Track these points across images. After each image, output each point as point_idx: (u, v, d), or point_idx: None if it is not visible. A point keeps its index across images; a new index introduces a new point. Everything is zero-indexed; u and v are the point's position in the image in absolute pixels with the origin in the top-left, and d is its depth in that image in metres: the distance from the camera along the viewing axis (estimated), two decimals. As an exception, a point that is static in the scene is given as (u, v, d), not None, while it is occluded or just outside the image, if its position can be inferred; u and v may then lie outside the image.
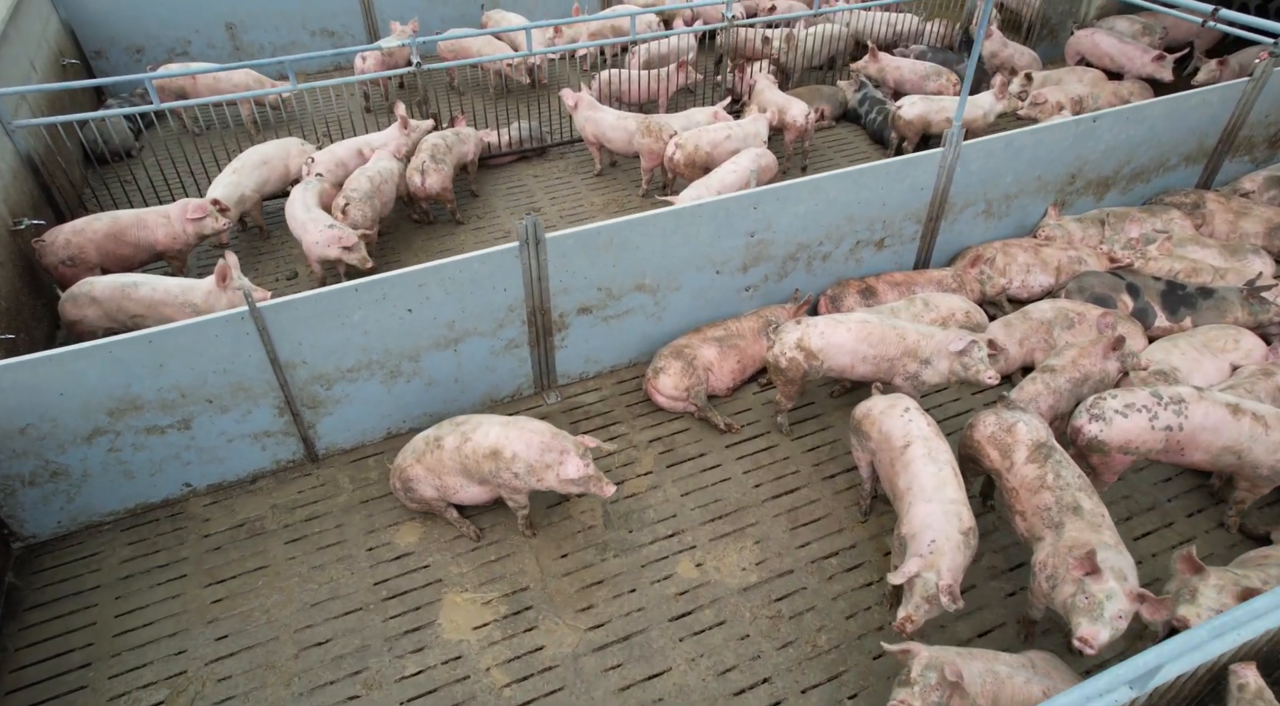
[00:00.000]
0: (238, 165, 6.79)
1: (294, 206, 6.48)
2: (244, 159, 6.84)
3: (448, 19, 10.60)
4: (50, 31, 8.43)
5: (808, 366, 4.98)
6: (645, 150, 7.53)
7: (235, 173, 6.72)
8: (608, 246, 5.15)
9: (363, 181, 6.53)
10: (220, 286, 5.34)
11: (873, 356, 4.91)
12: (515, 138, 8.33)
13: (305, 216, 6.39)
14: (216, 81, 8.64)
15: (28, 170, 6.50)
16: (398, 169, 6.98)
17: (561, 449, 4.26)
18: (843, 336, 4.95)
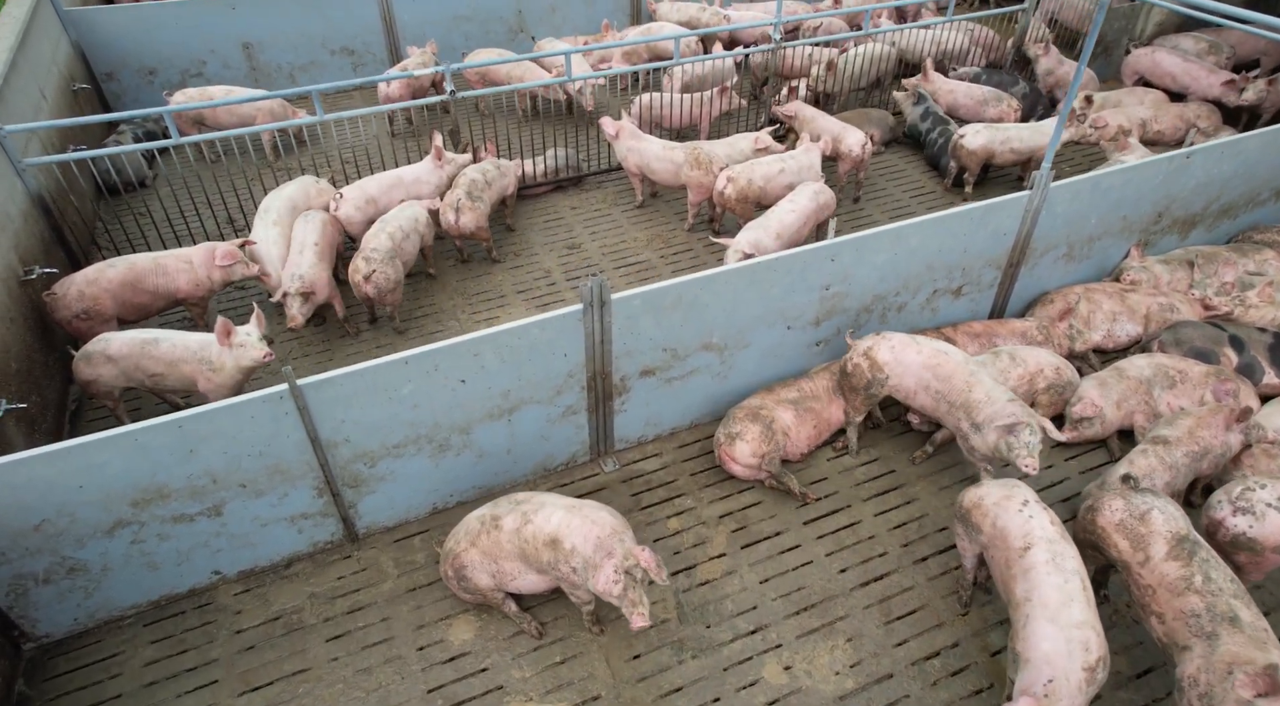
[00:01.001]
0: (276, 214, 6.25)
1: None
2: (276, 208, 6.29)
3: (472, 36, 10.15)
4: (60, 54, 7.99)
5: (870, 377, 4.83)
6: (693, 183, 7.07)
7: (278, 224, 6.20)
8: (676, 306, 4.69)
9: (383, 239, 5.94)
10: (223, 343, 4.87)
11: (935, 390, 4.66)
12: (551, 167, 7.87)
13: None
14: (238, 106, 8.23)
15: (39, 211, 6.05)
16: (423, 218, 6.44)
17: (609, 551, 3.77)
18: (912, 357, 4.75)
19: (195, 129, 8.21)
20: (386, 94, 8.51)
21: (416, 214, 6.37)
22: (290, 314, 5.67)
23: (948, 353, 4.74)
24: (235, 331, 4.86)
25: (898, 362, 4.79)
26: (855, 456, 5.20)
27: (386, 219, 6.12)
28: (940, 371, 4.66)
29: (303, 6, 9.25)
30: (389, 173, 6.70)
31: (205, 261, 5.84)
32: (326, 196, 6.71)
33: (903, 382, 4.80)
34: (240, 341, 4.84)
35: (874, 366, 4.83)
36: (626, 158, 7.35)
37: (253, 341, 4.83)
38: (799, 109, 7.97)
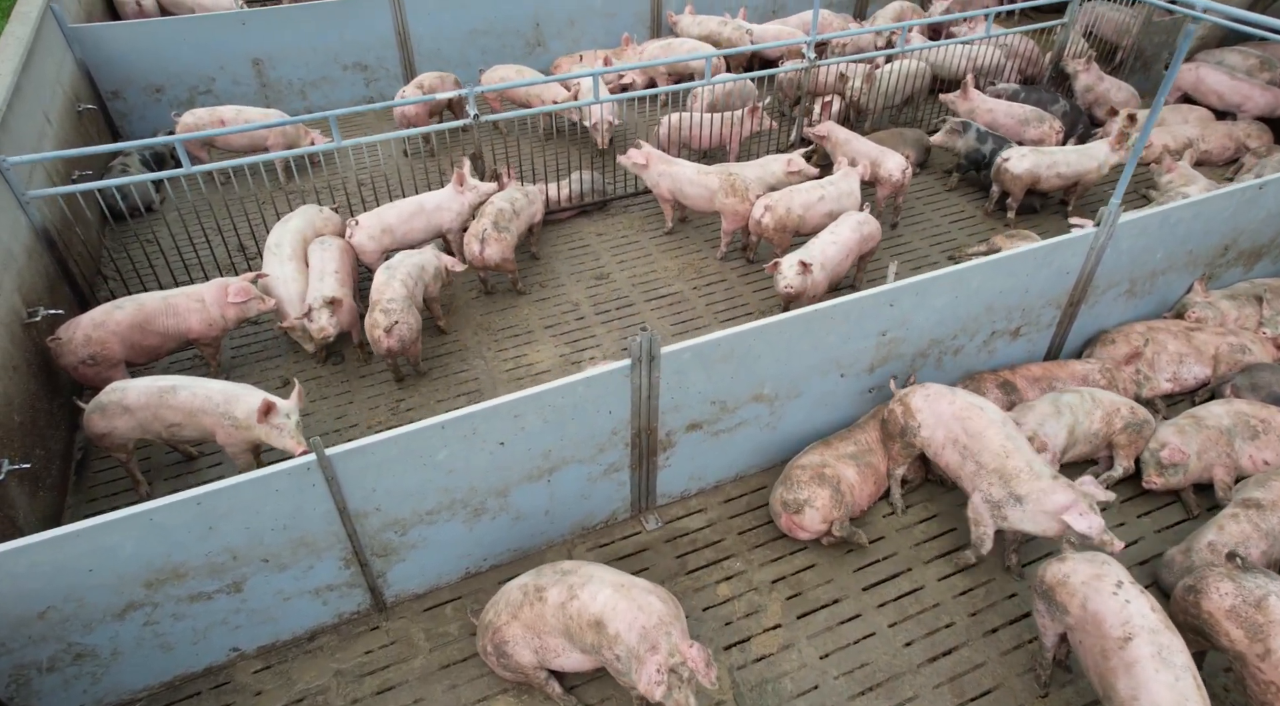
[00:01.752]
0: (290, 248, 5.93)
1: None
2: (288, 243, 5.97)
3: (488, 51, 9.83)
4: (65, 73, 7.67)
5: (904, 424, 4.62)
6: (729, 211, 6.74)
7: (293, 259, 5.88)
8: (728, 358, 4.37)
9: (396, 287, 5.52)
10: (261, 420, 4.53)
11: (963, 445, 4.41)
12: (576, 191, 7.55)
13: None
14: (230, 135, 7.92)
15: (43, 245, 5.74)
16: (431, 267, 5.94)
17: (653, 644, 3.43)
18: (944, 407, 4.53)
19: (204, 152, 7.90)
20: (402, 113, 8.20)
21: (424, 261, 5.90)
22: (319, 325, 5.41)
23: (983, 408, 4.48)
24: (276, 409, 4.50)
25: (930, 412, 4.56)
26: (903, 513, 4.86)
27: (393, 265, 5.70)
28: (971, 425, 4.39)
29: (315, 21, 8.94)
30: (409, 200, 6.37)
31: (217, 299, 5.53)
32: (334, 224, 6.39)
33: (934, 435, 4.54)
34: (278, 422, 4.49)
35: (907, 412, 4.63)
36: (658, 184, 7.02)
37: (290, 426, 4.48)
38: (831, 130, 7.64)
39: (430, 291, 5.97)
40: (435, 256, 6.06)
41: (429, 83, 8.44)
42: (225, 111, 7.94)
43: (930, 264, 7.08)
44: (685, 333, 6.32)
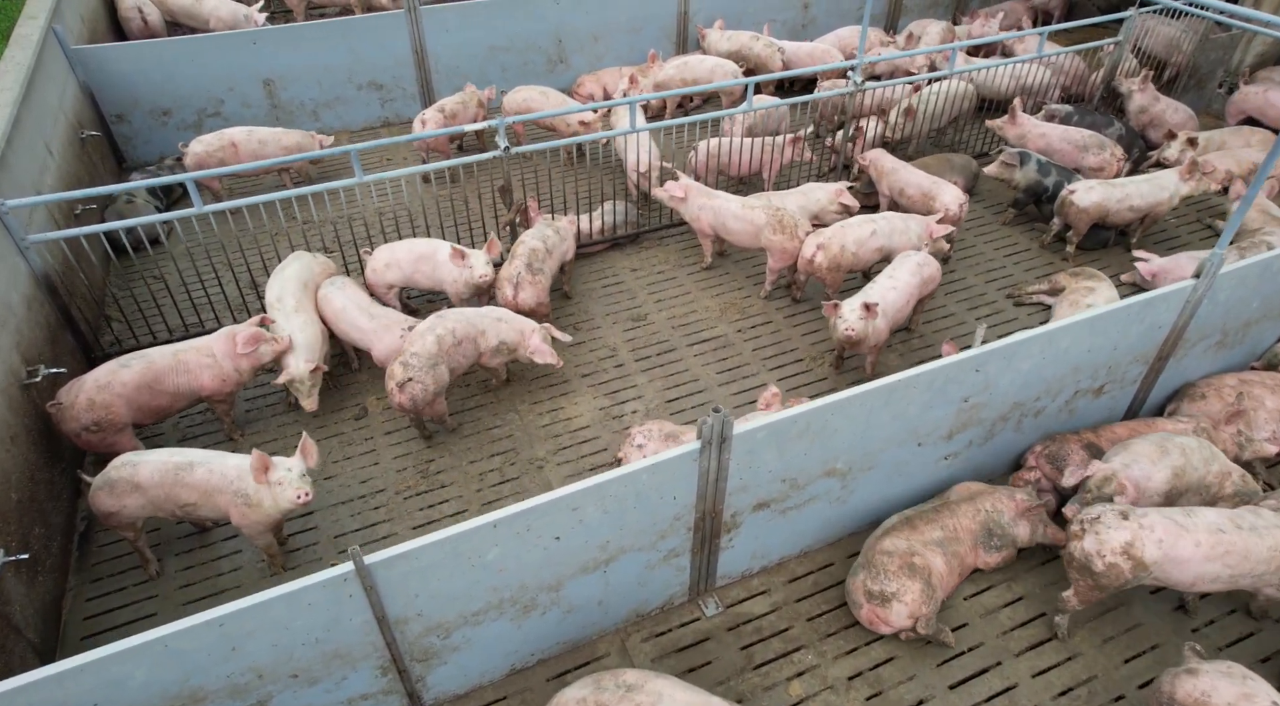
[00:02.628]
0: (294, 300, 5.48)
1: (349, 314, 5.44)
2: (292, 293, 5.52)
3: (509, 68, 9.41)
4: (68, 99, 7.25)
5: (1131, 577, 3.86)
6: (776, 248, 6.31)
7: (300, 310, 5.43)
8: (803, 434, 3.94)
9: (428, 342, 5.05)
10: (259, 480, 4.12)
11: (1228, 576, 3.85)
12: (608, 224, 7.12)
13: (371, 324, 5.41)
14: (263, 147, 7.55)
15: (44, 293, 5.32)
16: (494, 337, 5.34)
17: None
18: (1188, 551, 3.82)
19: (217, 180, 7.48)
20: (424, 139, 7.77)
21: (485, 328, 5.28)
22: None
23: (1222, 529, 3.85)
24: (274, 466, 4.10)
25: (1169, 560, 3.82)
26: (1065, 638, 4.27)
27: (445, 315, 5.26)
28: (1230, 556, 3.81)
29: (328, 40, 8.52)
30: (425, 243, 5.88)
31: (228, 352, 5.13)
32: (330, 268, 5.94)
33: (1176, 577, 3.89)
34: (278, 478, 4.09)
35: (1138, 566, 3.84)
36: (698, 217, 6.59)
37: (292, 479, 4.08)
38: (878, 159, 7.21)
39: (486, 361, 5.43)
40: (513, 330, 5.34)
41: (450, 107, 8.01)
42: (235, 133, 7.54)
43: (987, 303, 6.65)
44: (732, 381, 5.89)
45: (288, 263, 5.72)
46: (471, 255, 5.64)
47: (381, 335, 5.39)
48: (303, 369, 5.09)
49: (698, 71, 8.87)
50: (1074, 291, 6.13)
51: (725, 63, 8.92)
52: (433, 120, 7.80)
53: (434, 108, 7.95)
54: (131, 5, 9.78)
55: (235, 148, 7.51)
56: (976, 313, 6.55)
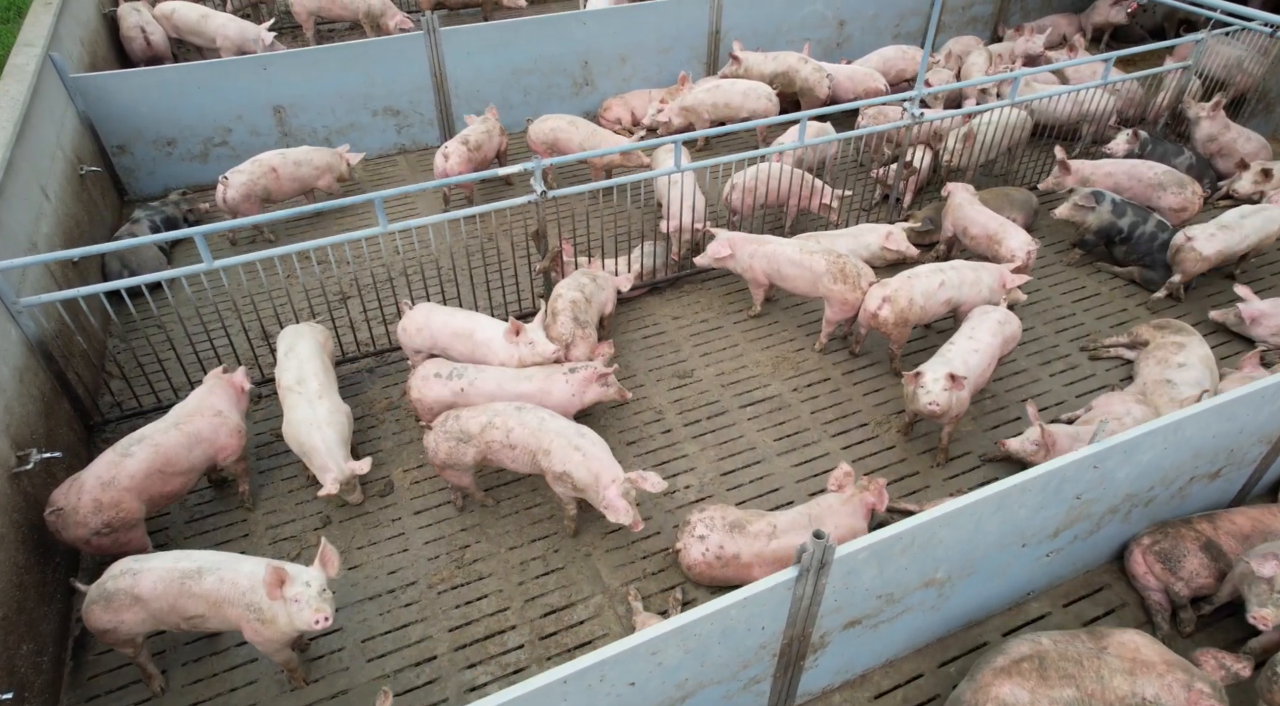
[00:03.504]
0: (317, 382, 4.91)
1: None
2: (314, 373, 4.97)
3: (532, 91, 8.91)
4: (67, 132, 6.76)
5: None
6: (837, 299, 5.80)
7: (324, 394, 4.87)
8: (907, 549, 3.44)
9: (470, 426, 4.56)
10: (273, 595, 3.61)
11: None
12: (647, 267, 6.61)
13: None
14: (298, 167, 7.30)
15: (38, 361, 4.82)
16: (545, 444, 4.52)
17: None
18: None
19: (254, 203, 7.02)
20: (445, 172, 7.27)
21: (552, 446, 4.41)
22: None
23: None
24: (290, 580, 3.60)
25: None
26: None
27: (495, 410, 4.60)
28: None
29: (343, 64, 8.02)
30: (463, 317, 5.32)
31: (233, 400, 4.80)
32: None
33: None
34: (294, 594, 3.58)
35: None
36: (751, 267, 6.05)
37: (310, 596, 3.56)
38: (955, 190, 6.71)
39: (549, 481, 4.58)
40: (588, 472, 4.30)
41: (475, 138, 7.51)
42: (270, 158, 7.21)
43: (1059, 356, 6.13)
44: (791, 449, 5.38)
45: (294, 340, 5.16)
46: (531, 330, 5.05)
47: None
48: (346, 473, 4.64)
49: (729, 95, 8.37)
50: (1160, 347, 5.62)
51: (759, 86, 8.43)
52: (456, 153, 7.29)
53: (457, 140, 7.44)
54: (134, 25, 9.32)
55: (275, 172, 7.17)
56: (1049, 367, 6.03)
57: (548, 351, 5.01)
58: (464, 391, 4.94)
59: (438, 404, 5.00)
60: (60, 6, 7.67)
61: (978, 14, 10.88)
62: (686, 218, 6.48)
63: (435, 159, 7.37)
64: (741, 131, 8.76)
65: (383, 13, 10.44)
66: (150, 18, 9.51)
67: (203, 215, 7.61)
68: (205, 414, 4.67)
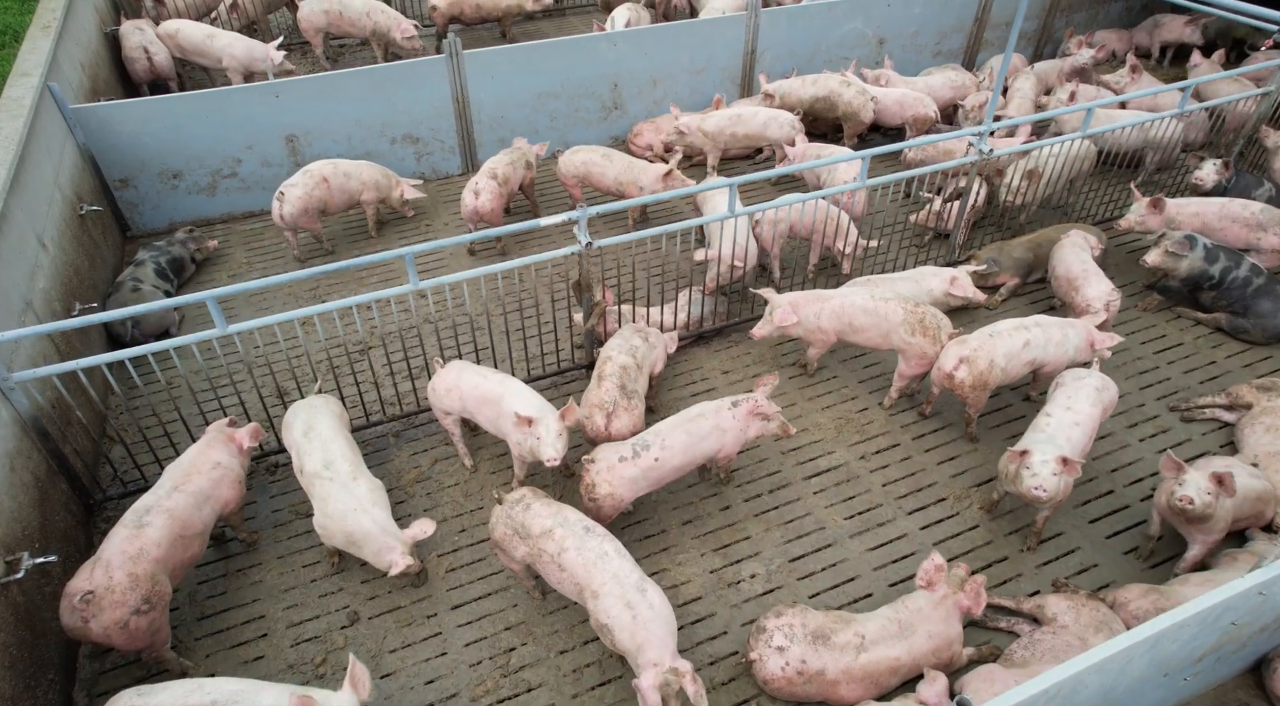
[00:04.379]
0: (348, 464, 4.40)
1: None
2: (341, 452, 4.46)
3: (558, 116, 8.41)
4: (66, 169, 6.25)
5: None
6: (914, 353, 5.29)
7: (358, 473, 4.38)
8: (1051, 699, 2.92)
9: (499, 527, 4.14)
10: None
11: None
12: (694, 316, 6.10)
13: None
14: (348, 179, 6.99)
15: (33, 440, 4.32)
16: (592, 580, 3.88)
17: None
18: None
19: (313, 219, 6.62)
20: (475, 207, 6.78)
21: (600, 588, 3.77)
22: None
23: None
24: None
25: None
26: None
27: (567, 521, 4.04)
28: None
29: (360, 89, 7.51)
30: (496, 379, 4.77)
31: (233, 451, 4.51)
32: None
33: None
34: None
35: None
36: (819, 328, 5.43)
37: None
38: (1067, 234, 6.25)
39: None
40: (631, 641, 3.61)
41: (502, 171, 7.01)
42: (321, 168, 6.86)
43: (1147, 417, 5.61)
44: (864, 529, 4.87)
45: (310, 418, 4.61)
46: (541, 425, 4.38)
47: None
48: (410, 544, 4.19)
49: (750, 125, 7.86)
50: (1268, 412, 5.11)
51: (780, 115, 7.89)
52: (487, 189, 6.80)
53: (485, 174, 6.94)
54: (136, 45, 8.82)
55: (327, 183, 6.85)
56: (1136, 431, 5.52)
57: (548, 456, 4.32)
58: (658, 461, 4.45)
59: (634, 493, 4.48)
60: (59, 30, 7.17)
61: (1021, 30, 10.33)
62: (727, 249, 5.95)
63: (464, 197, 6.86)
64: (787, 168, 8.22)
65: (388, 27, 9.97)
66: (154, 37, 9.01)
67: (210, 253, 7.11)
68: (203, 469, 4.33)
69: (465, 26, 11.00)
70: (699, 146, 7.86)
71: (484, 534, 4.84)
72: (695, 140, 7.78)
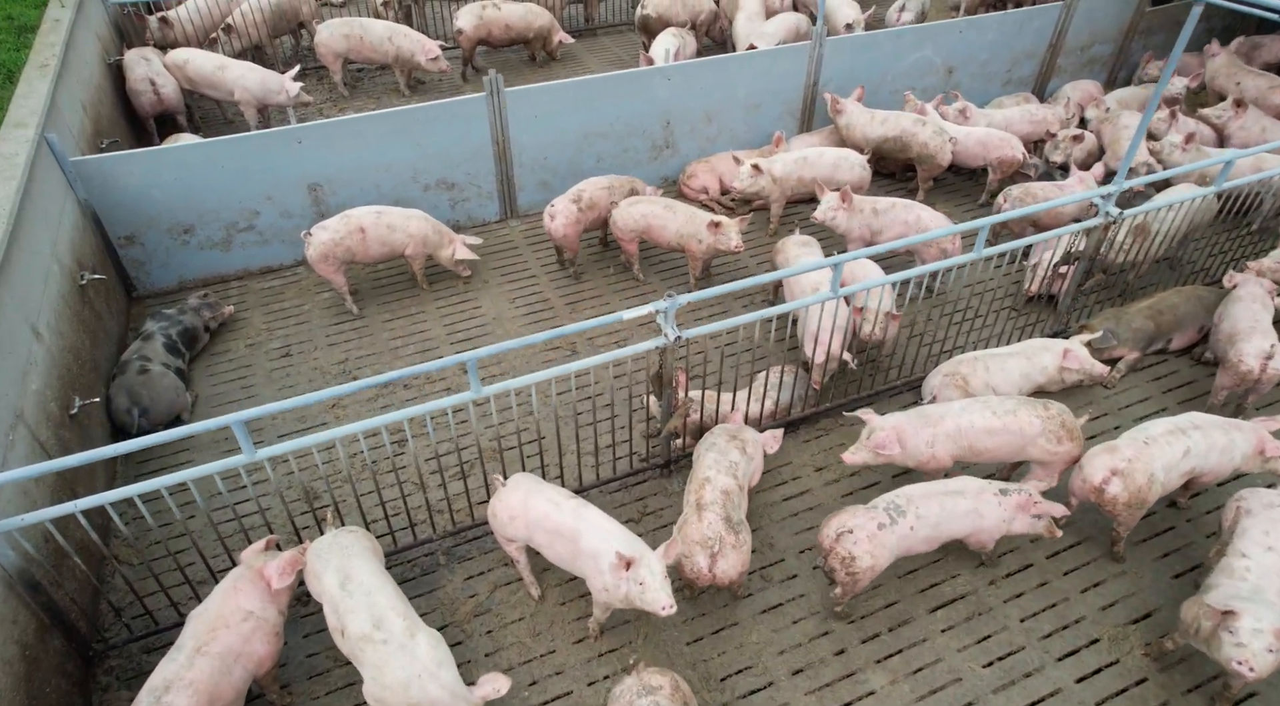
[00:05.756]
0: (401, 618, 3.58)
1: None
2: (389, 603, 3.63)
3: (605, 157, 7.67)
4: (64, 233, 5.50)
5: None
6: (1060, 462, 4.54)
7: (413, 627, 3.57)
8: None
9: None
10: None
11: None
12: (783, 403, 5.34)
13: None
14: (391, 232, 6.35)
15: (20, 596, 3.58)
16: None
17: None
18: None
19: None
20: (549, 230, 6.44)
21: None
22: None
23: None
24: None
25: None
26: None
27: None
28: None
29: (389, 133, 6.77)
30: (570, 512, 3.97)
31: (264, 596, 3.77)
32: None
33: None
34: None
35: None
36: (933, 456, 4.54)
37: None
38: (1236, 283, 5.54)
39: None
40: None
41: (589, 196, 6.56)
42: (363, 216, 6.22)
43: (1313, 524, 4.84)
44: (1007, 681, 4.10)
45: (345, 564, 3.77)
46: (643, 567, 3.61)
47: None
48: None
49: (818, 167, 7.11)
50: None
51: (849, 155, 7.16)
52: (564, 212, 6.43)
53: (567, 197, 6.53)
54: (142, 77, 8.09)
55: (363, 234, 6.17)
56: (1304, 543, 4.75)
57: (662, 604, 3.54)
58: (912, 530, 4.12)
59: (888, 564, 4.11)
60: (58, 68, 6.43)
61: (1097, 54, 9.61)
62: (836, 344, 5.19)
63: (544, 218, 6.49)
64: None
65: (412, 51, 9.24)
66: (161, 68, 8.28)
67: (226, 319, 6.36)
68: (232, 621, 3.61)
69: (492, 49, 10.26)
70: (765, 193, 7.10)
71: (559, 688, 4.08)
72: (762, 184, 7.03)
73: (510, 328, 6.36)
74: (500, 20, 9.71)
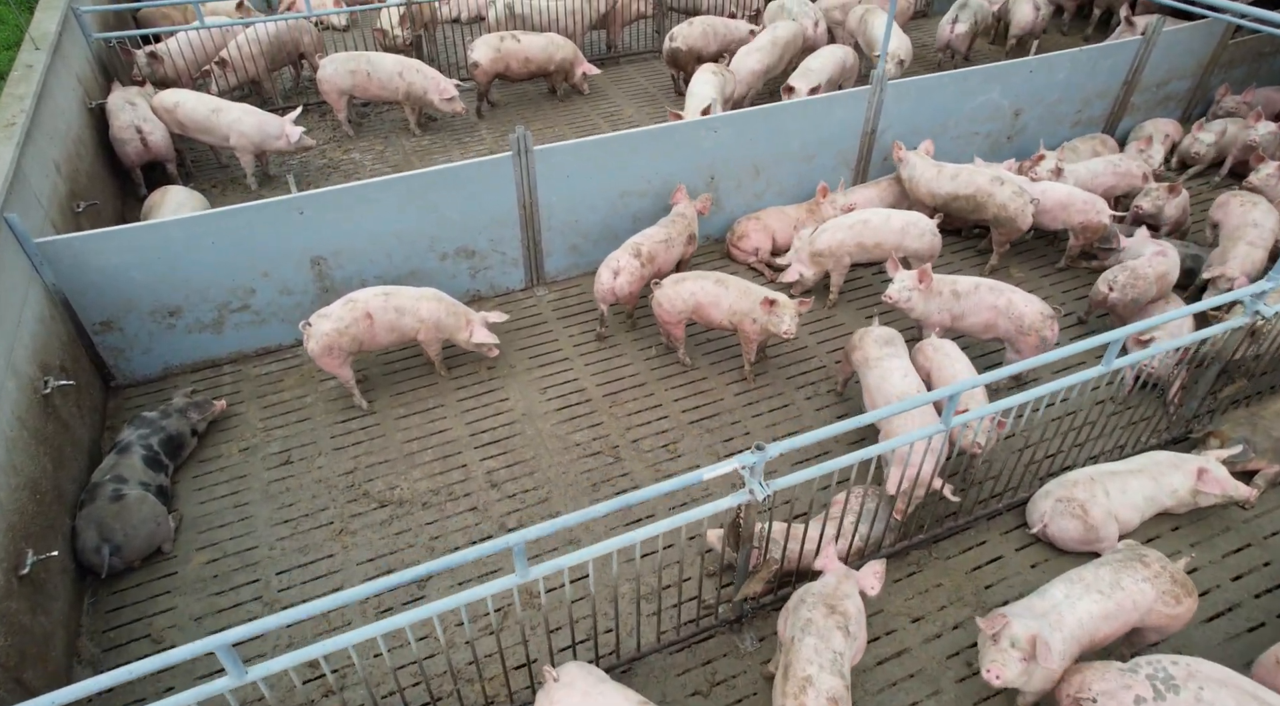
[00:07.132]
0: None
1: None
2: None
3: (642, 218, 6.83)
4: (26, 330, 4.70)
5: None
6: (1179, 623, 3.76)
7: None
8: None
9: None
10: None
11: None
12: (873, 539, 4.52)
13: None
14: (400, 316, 5.58)
15: None
16: None
17: None
18: None
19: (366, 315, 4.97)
20: (611, 288, 6.11)
21: None
22: None
23: None
24: None
25: None
26: None
27: None
28: None
29: (402, 198, 5.96)
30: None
31: None
32: None
33: None
34: None
35: None
36: (1049, 676, 3.72)
37: None
38: None
39: None
40: None
41: (649, 249, 6.01)
42: (369, 301, 5.45)
43: None
44: None
45: None
46: None
47: None
48: None
49: (881, 233, 6.26)
50: None
51: (919, 220, 6.31)
52: (627, 269, 5.88)
53: (627, 251, 5.97)
54: (127, 124, 7.32)
55: (370, 320, 5.40)
56: None
57: None
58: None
59: None
60: (25, 128, 5.64)
61: (1173, 91, 8.79)
62: (927, 469, 4.37)
63: (600, 274, 5.86)
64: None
65: (424, 89, 8.44)
66: (148, 112, 7.51)
67: (217, 417, 5.55)
68: None
69: (509, 82, 9.44)
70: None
71: None
72: (809, 272, 6.28)
73: (542, 426, 5.55)
74: (519, 53, 8.89)
